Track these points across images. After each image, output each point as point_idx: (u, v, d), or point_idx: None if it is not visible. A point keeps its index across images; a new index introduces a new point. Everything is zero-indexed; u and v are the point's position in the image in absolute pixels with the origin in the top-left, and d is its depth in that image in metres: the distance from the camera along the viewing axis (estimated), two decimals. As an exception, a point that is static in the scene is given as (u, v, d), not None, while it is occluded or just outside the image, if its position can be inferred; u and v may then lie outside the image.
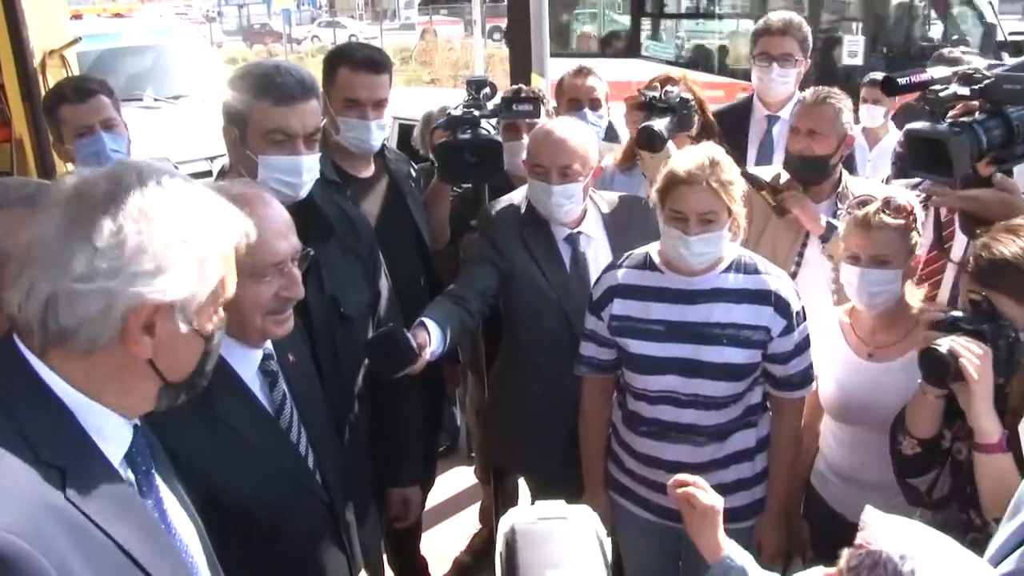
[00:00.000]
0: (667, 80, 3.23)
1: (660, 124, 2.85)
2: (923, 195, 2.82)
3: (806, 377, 2.46)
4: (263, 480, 1.76)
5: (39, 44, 4.25)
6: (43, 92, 4.44)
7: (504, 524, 1.18)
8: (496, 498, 3.50)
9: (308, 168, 2.22)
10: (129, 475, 1.28)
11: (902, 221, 2.33)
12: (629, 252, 2.56)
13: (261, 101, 2.16)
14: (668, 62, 11.15)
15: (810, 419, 2.61)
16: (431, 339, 2.37)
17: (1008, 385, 2.00)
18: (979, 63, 2.24)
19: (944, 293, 2.81)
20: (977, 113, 2.13)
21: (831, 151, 2.88)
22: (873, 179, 3.24)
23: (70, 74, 4.27)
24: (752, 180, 2.91)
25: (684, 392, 2.41)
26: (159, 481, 1.35)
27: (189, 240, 1.20)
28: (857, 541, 1.24)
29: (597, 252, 2.77)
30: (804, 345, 2.44)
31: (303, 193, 2.24)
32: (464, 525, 4.09)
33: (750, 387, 2.47)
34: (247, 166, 2.21)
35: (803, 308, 2.45)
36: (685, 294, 2.41)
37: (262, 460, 1.77)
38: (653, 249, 2.50)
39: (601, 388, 2.62)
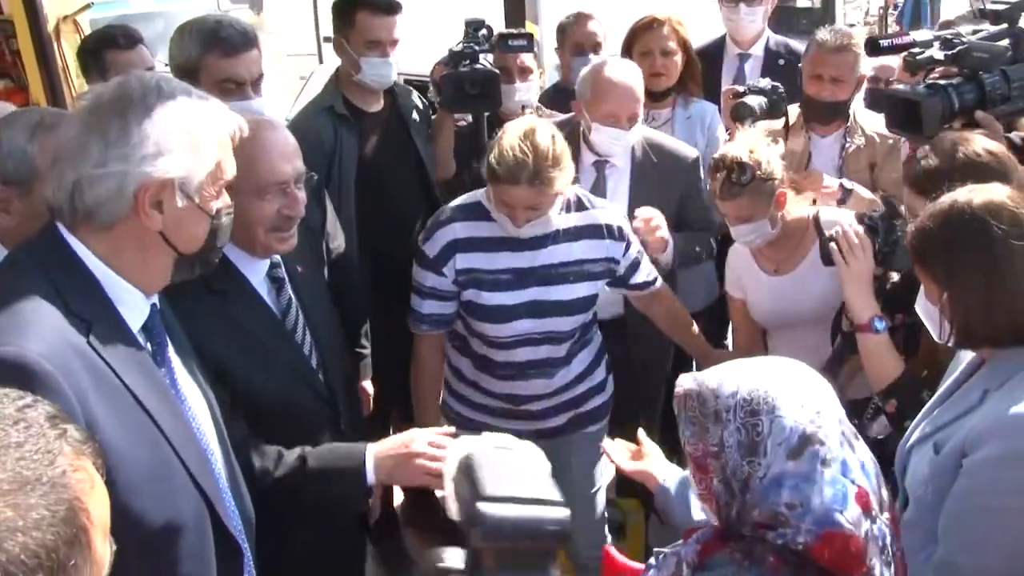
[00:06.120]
0: (652, 22, 3.31)
1: (753, 100, 2.89)
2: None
3: (652, 274, 2.69)
4: (269, 374, 1.95)
5: (52, 10, 4.42)
6: (58, 57, 4.61)
7: (458, 450, 1.23)
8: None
9: (258, 111, 2.38)
10: (147, 345, 1.49)
11: (748, 182, 2.38)
12: (460, 203, 2.54)
13: (210, 54, 2.38)
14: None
15: (750, 342, 2.80)
16: None
17: (887, 277, 2.27)
18: (964, 28, 2.30)
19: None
20: (955, 77, 2.21)
21: (850, 95, 2.98)
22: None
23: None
24: None
25: (538, 332, 2.53)
26: (172, 355, 1.56)
27: (183, 127, 1.41)
28: (675, 399, 1.34)
29: (617, 182, 2.91)
30: (640, 256, 2.64)
31: None
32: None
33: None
34: None
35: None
36: (527, 241, 2.46)
37: (269, 356, 1.97)
38: (482, 197, 2.50)
39: (435, 343, 2.65)
